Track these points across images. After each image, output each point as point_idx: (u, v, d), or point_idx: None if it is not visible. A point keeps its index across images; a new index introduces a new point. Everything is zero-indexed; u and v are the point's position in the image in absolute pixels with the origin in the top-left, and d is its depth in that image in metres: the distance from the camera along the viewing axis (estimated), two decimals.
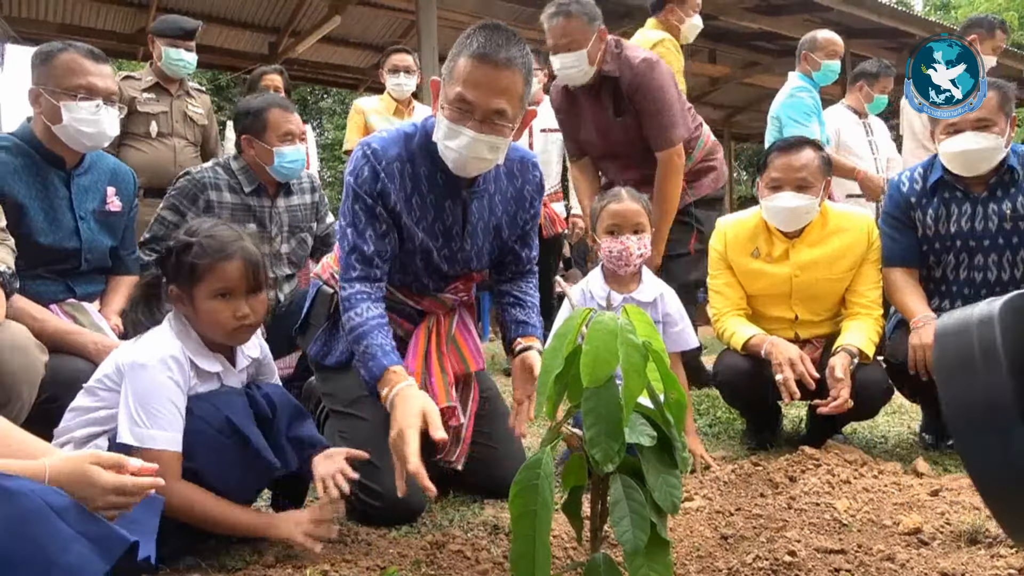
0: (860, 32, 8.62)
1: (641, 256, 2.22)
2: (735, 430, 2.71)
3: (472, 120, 1.63)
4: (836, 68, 4.09)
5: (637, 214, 2.20)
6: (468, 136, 1.64)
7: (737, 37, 9.05)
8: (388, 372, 1.64)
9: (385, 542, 1.57)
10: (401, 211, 1.76)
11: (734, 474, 2.00)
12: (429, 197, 1.79)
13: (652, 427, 1.21)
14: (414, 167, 1.77)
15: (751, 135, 14.35)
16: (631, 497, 1.14)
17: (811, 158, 2.27)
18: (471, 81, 1.61)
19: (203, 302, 1.55)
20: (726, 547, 1.53)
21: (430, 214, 1.80)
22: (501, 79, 1.61)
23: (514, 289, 2.03)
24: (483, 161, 1.70)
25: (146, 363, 1.44)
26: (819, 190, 2.28)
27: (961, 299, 2.34)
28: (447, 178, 1.78)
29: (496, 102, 1.62)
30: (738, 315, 2.40)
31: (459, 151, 1.66)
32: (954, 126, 2.24)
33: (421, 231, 1.80)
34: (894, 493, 1.80)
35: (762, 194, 2.35)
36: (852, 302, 2.35)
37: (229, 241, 1.57)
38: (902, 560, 1.39)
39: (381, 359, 1.66)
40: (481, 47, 1.60)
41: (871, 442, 2.55)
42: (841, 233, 2.34)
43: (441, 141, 1.69)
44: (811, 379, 2.12)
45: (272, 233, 2.70)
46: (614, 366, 1.15)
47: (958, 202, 2.31)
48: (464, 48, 1.63)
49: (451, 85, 1.64)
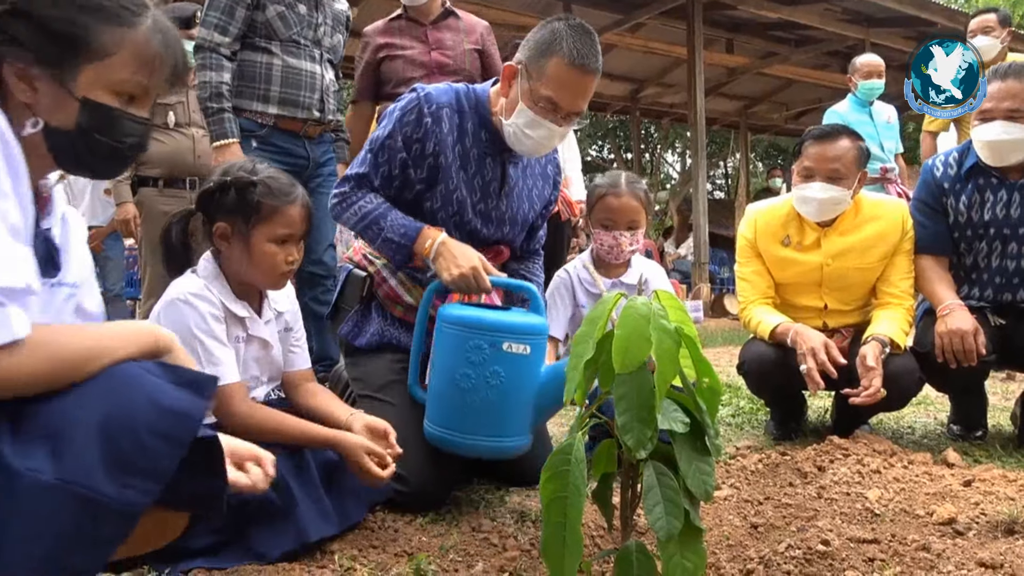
0: (880, 21, 8.52)
1: (633, 251, 2.21)
2: (758, 420, 2.69)
3: (556, 116, 1.76)
4: (875, 85, 4.43)
5: (634, 211, 2.18)
6: (549, 129, 1.77)
7: (755, 27, 8.96)
8: (425, 229, 1.79)
9: (412, 529, 1.56)
10: (440, 152, 1.83)
11: (761, 463, 1.98)
12: (472, 151, 1.87)
13: (684, 413, 1.19)
14: (462, 120, 1.86)
15: (767, 126, 14.22)
16: (664, 484, 1.13)
17: (846, 148, 2.22)
18: (565, 87, 1.72)
19: (261, 243, 1.55)
20: (756, 536, 1.51)
21: (471, 167, 1.88)
22: (590, 84, 1.74)
23: (521, 269, 2.08)
24: (551, 148, 1.87)
25: (175, 299, 1.48)
26: (852, 182, 2.23)
27: (992, 288, 2.30)
28: (491, 137, 1.88)
29: (582, 104, 1.77)
30: (765, 303, 2.37)
31: (538, 140, 1.79)
32: (987, 113, 2.20)
33: (460, 180, 1.86)
34: (926, 483, 1.77)
35: (795, 182, 2.31)
36: (883, 291, 2.31)
37: (292, 185, 1.61)
38: (938, 550, 1.36)
39: (412, 223, 1.80)
40: (576, 54, 1.68)
41: (898, 433, 2.51)
42: (875, 221, 2.30)
43: (520, 128, 1.78)
44: (834, 367, 2.08)
45: (318, 21, 2.78)
46: (647, 352, 1.13)
47: (993, 189, 2.26)
48: (555, 49, 1.69)
49: (540, 84, 1.72)
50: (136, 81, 1.09)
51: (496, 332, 1.56)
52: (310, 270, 2.82)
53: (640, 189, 2.21)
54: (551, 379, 1.58)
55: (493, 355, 1.54)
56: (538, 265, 2.15)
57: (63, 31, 1.02)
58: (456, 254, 1.72)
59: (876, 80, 4.39)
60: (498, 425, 1.58)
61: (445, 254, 1.73)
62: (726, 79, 10.51)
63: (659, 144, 18.02)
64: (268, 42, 2.67)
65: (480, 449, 1.59)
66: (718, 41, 9.43)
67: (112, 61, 1.06)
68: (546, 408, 1.63)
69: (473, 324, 1.57)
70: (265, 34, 2.68)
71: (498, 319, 1.59)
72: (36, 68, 1.02)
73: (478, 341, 1.55)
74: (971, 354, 2.10)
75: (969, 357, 2.11)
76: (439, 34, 3.13)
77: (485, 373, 1.54)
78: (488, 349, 1.54)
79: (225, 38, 2.61)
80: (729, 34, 9.24)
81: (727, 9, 8.14)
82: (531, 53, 1.74)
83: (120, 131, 1.09)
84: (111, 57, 1.06)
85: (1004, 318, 2.27)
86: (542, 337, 1.63)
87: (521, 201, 1.98)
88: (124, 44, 1.07)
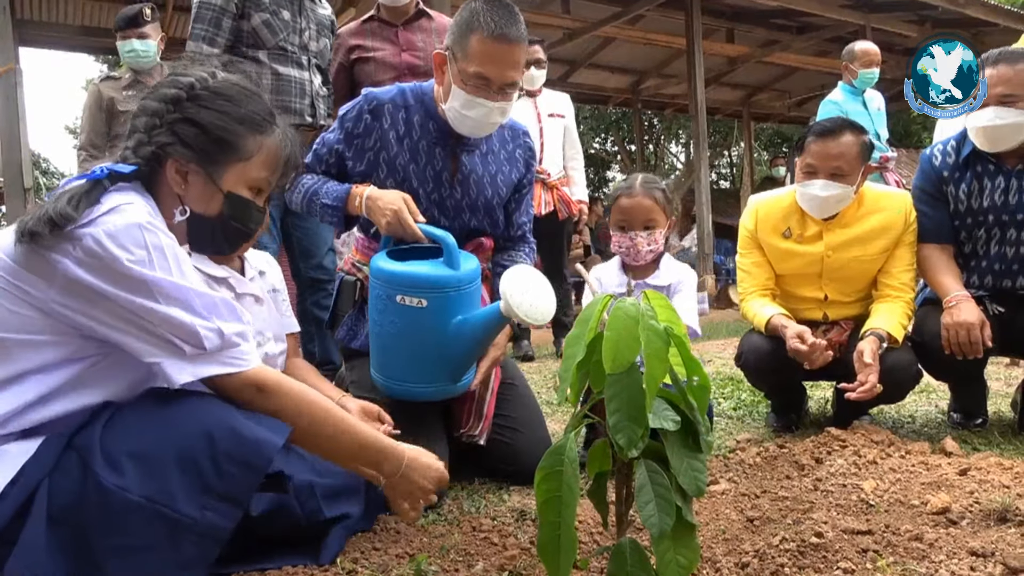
0: (881, 6, 8.46)
1: (651, 251, 2.16)
2: (759, 413, 2.70)
3: (489, 92, 1.80)
4: (874, 75, 4.44)
5: (648, 210, 2.13)
6: (486, 106, 1.81)
7: (755, 16, 8.92)
8: (353, 188, 1.86)
9: (412, 529, 1.58)
10: (383, 147, 1.92)
11: (759, 456, 1.99)
12: (421, 143, 1.94)
13: (675, 412, 1.21)
14: (408, 114, 1.94)
15: (770, 115, 14.15)
16: (656, 482, 1.15)
17: (849, 144, 2.20)
18: (489, 59, 1.76)
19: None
20: (752, 529, 1.53)
21: (421, 158, 1.94)
22: (515, 54, 1.78)
23: (504, 259, 2.10)
24: (494, 125, 1.89)
25: None
26: (855, 178, 2.22)
27: (992, 275, 2.30)
28: (439, 127, 1.94)
29: (511, 75, 1.80)
30: (764, 295, 2.38)
31: (477, 119, 1.84)
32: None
33: (411, 171, 1.93)
34: (922, 473, 1.79)
35: (797, 177, 2.31)
36: (884, 283, 2.31)
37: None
38: (931, 539, 1.38)
39: (343, 186, 1.88)
40: (494, 26, 1.74)
41: (898, 422, 2.53)
42: (877, 213, 2.30)
43: (458, 110, 1.83)
44: (833, 360, 2.10)
45: (302, 26, 2.81)
46: (636, 352, 1.15)
47: (991, 176, 2.26)
48: (473, 27, 1.75)
49: (466, 63, 1.78)
50: (266, 178, 1.32)
51: (392, 284, 1.65)
52: (311, 275, 2.85)
53: (656, 189, 2.16)
54: (463, 327, 1.64)
55: (390, 306, 1.64)
56: (523, 252, 2.14)
57: (221, 136, 1.25)
58: (381, 203, 1.77)
59: (875, 69, 4.39)
60: (411, 371, 1.68)
61: (373, 207, 1.79)
62: (727, 68, 10.47)
63: (662, 135, 17.97)
64: (256, 51, 2.69)
65: (399, 392, 1.72)
66: (718, 31, 9.39)
67: (253, 162, 1.28)
68: (460, 356, 1.69)
69: (376, 275, 1.68)
70: (252, 43, 2.69)
71: (397, 271, 1.65)
72: (193, 164, 1.24)
73: (379, 291, 1.67)
74: (977, 347, 2.11)
75: (976, 350, 2.12)
76: (410, 35, 3.15)
77: (384, 321, 1.66)
78: (385, 299, 1.65)
79: (214, 49, 2.63)
80: (729, 23, 9.20)
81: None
82: (454, 36, 1.80)
83: (251, 219, 1.33)
84: (252, 158, 1.28)
85: (1003, 306, 2.27)
86: (443, 291, 1.65)
87: (481, 188, 2.00)
88: (263, 148, 1.29)
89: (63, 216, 1.06)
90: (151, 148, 1.22)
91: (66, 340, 1.12)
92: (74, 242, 1.07)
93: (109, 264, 1.07)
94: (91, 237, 1.07)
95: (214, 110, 1.24)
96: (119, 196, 1.14)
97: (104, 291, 1.08)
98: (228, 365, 1.15)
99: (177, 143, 1.22)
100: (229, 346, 1.15)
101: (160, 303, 1.10)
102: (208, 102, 1.25)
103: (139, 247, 1.09)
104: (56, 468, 1.06)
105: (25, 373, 1.10)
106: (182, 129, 1.23)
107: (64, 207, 1.07)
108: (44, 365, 1.11)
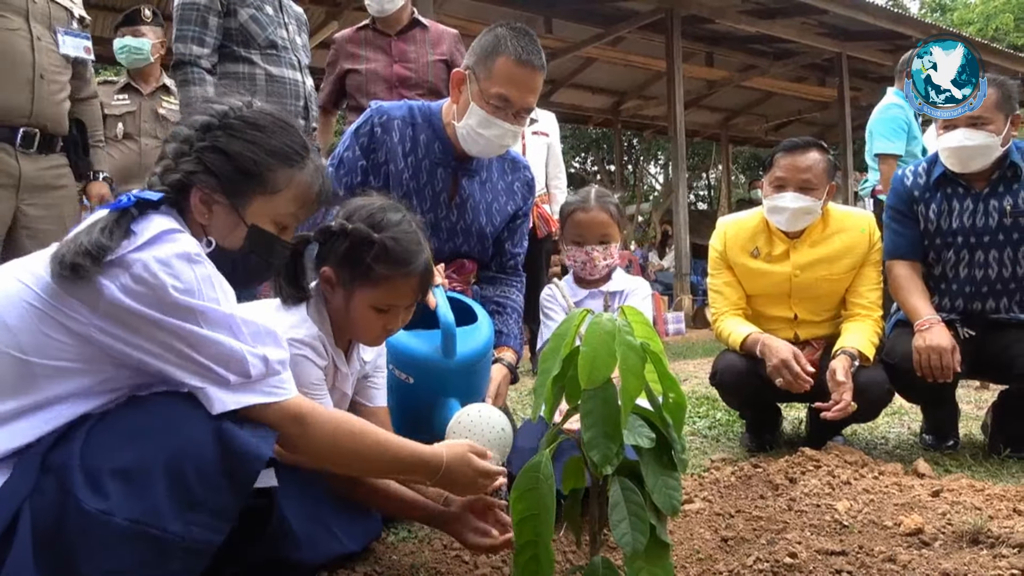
0: (856, 35, 8.65)
1: (608, 265, 2.15)
2: (735, 432, 2.70)
3: (507, 114, 1.85)
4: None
5: (604, 225, 2.12)
6: (502, 127, 1.86)
7: (734, 41, 9.08)
8: None
9: (383, 547, 1.55)
10: (390, 160, 1.93)
11: (734, 476, 1.99)
12: (424, 161, 1.96)
13: (651, 429, 1.20)
14: (415, 131, 1.96)
15: (748, 138, 14.38)
16: (630, 499, 1.13)
17: (817, 160, 2.26)
18: (512, 82, 1.81)
19: (361, 307, 1.41)
20: (726, 549, 1.52)
21: (422, 177, 1.96)
22: (536, 80, 1.84)
23: (497, 294, 2.11)
24: (504, 148, 1.94)
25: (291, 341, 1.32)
26: (822, 193, 2.27)
27: (962, 297, 2.33)
28: (443, 148, 1.96)
29: (530, 100, 1.86)
30: (736, 315, 2.40)
31: (490, 139, 1.87)
32: (950, 122, 2.25)
33: (411, 188, 1.94)
34: (895, 494, 1.79)
35: (765, 192, 2.34)
36: (852, 303, 2.34)
37: (414, 252, 1.41)
38: (904, 561, 1.37)
39: None
40: (521, 51, 1.80)
41: (871, 443, 2.54)
42: (842, 233, 2.33)
43: (473, 128, 1.86)
44: (806, 378, 2.11)
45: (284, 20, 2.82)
46: (612, 367, 1.14)
47: (960, 198, 2.30)
48: (500, 50, 1.81)
49: (489, 83, 1.82)
50: (293, 213, 1.26)
51: (389, 353, 1.68)
52: None
53: (610, 203, 2.17)
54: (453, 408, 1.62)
55: (390, 372, 1.69)
56: (515, 287, 2.14)
57: (248, 167, 1.20)
58: None
59: None
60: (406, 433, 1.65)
61: None
62: (707, 91, 10.64)
63: (642, 156, 18.15)
64: (247, 51, 2.68)
65: None
66: (698, 54, 9.54)
67: (280, 196, 1.23)
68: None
69: (388, 345, 1.67)
70: (242, 41, 2.68)
71: (393, 341, 1.66)
72: (218, 195, 1.19)
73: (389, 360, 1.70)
74: (948, 371, 2.13)
75: (946, 374, 2.14)
76: (403, 46, 3.14)
77: (389, 383, 1.68)
78: (391, 370, 1.69)
79: (204, 49, 2.61)
80: (709, 47, 9.35)
81: (706, 23, 8.24)
82: (478, 57, 1.84)
83: (274, 254, 1.27)
84: (280, 193, 1.23)
85: (973, 329, 2.30)
86: (429, 374, 1.68)
87: (477, 214, 2.01)
88: (292, 183, 1.24)
89: (100, 247, 1.04)
90: (177, 176, 1.19)
91: (97, 368, 1.08)
92: (124, 268, 1.05)
93: (158, 291, 1.05)
94: (141, 264, 1.05)
95: (245, 140, 1.20)
96: (164, 221, 1.12)
97: (151, 317, 1.05)
98: (270, 395, 1.12)
99: (203, 171, 1.19)
100: (272, 374, 1.12)
101: (206, 329, 1.07)
102: (239, 132, 1.21)
103: (188, 275, 1.07)
104: (35, 490, 1.02)
105: (50, 401, 1.07)
106: (210, 158, 1.19)
107: (98, 238, 1.04)
108: (70, 394, 1.07)
